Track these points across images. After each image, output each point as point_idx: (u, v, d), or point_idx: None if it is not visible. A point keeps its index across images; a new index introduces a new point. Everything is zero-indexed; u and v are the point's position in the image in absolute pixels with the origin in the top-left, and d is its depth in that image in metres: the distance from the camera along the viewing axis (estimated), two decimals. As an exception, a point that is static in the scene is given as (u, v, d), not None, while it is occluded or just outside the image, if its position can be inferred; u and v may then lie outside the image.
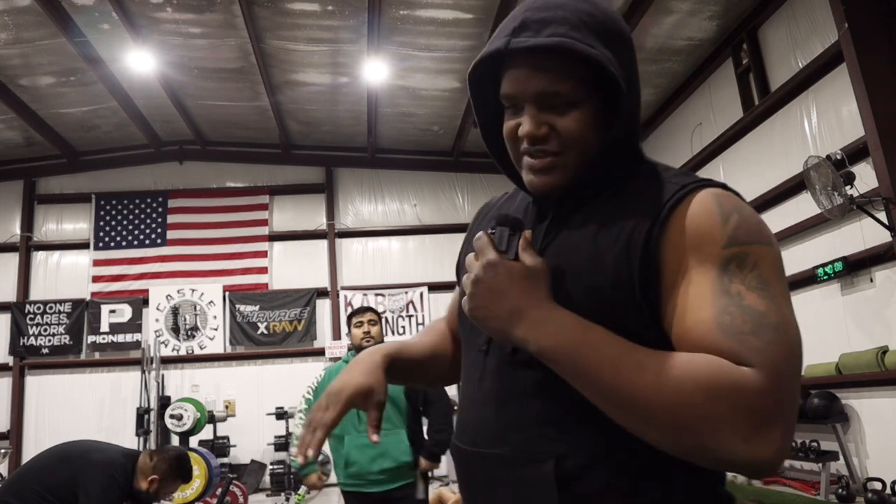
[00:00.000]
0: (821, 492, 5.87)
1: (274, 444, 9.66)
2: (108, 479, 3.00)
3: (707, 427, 0.74)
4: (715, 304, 0.80)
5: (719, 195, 0.87)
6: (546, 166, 0.92)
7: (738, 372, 0.75)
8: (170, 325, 10.57)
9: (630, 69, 0.91)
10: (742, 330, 0.77)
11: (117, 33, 7.84)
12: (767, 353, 0.76)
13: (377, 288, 10.91)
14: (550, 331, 0.83)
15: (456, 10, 7.38)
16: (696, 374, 0.76)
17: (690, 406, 0.75)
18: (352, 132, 10.69)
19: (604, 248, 0.88)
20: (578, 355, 0.81)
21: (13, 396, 10.16)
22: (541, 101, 0.90)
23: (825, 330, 6.38)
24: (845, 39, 5.69)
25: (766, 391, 0.74)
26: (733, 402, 0.74)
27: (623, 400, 0.79)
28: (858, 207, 5.54)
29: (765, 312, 0.79)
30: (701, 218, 0.84)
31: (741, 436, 0.73)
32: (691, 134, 8.57)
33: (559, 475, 0.85)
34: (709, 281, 0.81)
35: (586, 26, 0.89)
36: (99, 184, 11.05)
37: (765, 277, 0.81)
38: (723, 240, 0.82)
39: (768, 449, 0.74)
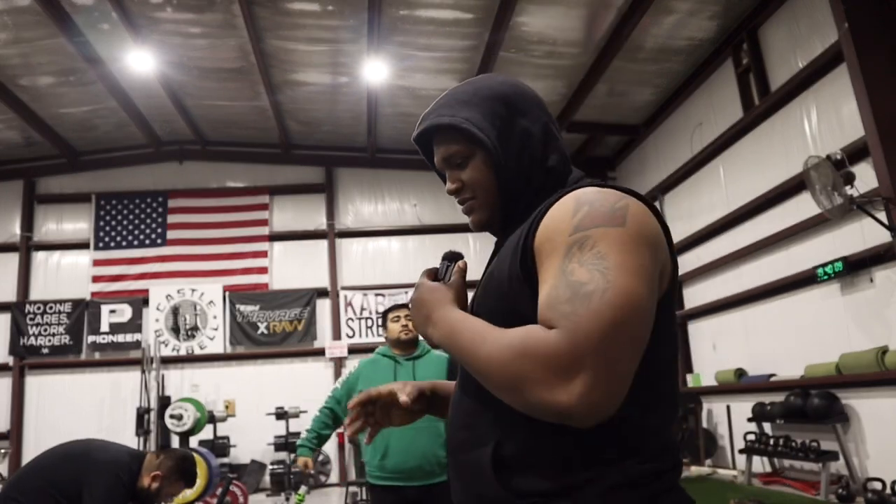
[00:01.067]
0: (821, 492, 5.87)
1: (274, 444, 9.66)
2: (113, 479, 2.97)
3: (520, 383, 0.89)
4: (550, 284, 0.94)
5: (581, 193, 1.01)
6: (468, 209, 1.19)
7: (542, 334, 0.89)
8: (170, 325, 10.57)
9: (507, 119, 1.14)
10: (559, 300, 0.91)
11: (117, 33, 7.84)
12: (573, 316, 0.88)
13: (377, 288, 10.91)
14: (441, 325, 1.06)
15: (456, 10, 7.37)
16: (511, 341, 0.92)
17: (506, 366, 0.91)
18: (352, 132, 10.69)
19: (504, 255, 1.07)
20: (453, 339, 1.03)
21: (13, 396, 10.16)
22: (447, 164, 1.18)
23: (825, 330, 6.38)
24: (845, 39, 5.69)
25: (566, 347, 0.86)
26: (533, 358, 0.88)
27: (474, 368, 0.97)
28: (858, 207, 5.53)
29: (585, 282, 0.90)
30: (556, 214, 1.00)
31: (545, 387, 0.87)
32: (691, 134, 8.56)
33: (496, 458, 0.99)
34: (554, 266, 0.95)
35: (457, 101, 1.16)
36: (99, 184, 11.05)
37: (602, 253, 0.92)
38: (568, 229, 0.96)
39: (570, 396, 0.85)
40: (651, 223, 0.98)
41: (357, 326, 10.82)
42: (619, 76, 8.41)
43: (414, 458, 3.23)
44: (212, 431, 9.32)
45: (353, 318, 10.85)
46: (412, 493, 3.27)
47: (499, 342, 0.93)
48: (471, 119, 1.13)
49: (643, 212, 0.98)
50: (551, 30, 7.61)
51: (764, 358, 7.36)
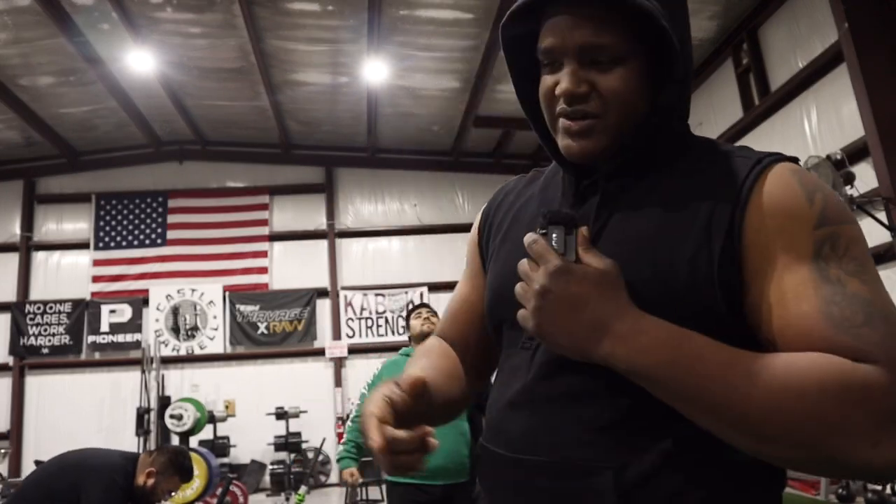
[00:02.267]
0: (821, 492, 5.87)
1: (274, 444, 9.66)
2: (109, 482, 2.99)
3: (833, 435, 0.67)
4: (817, 293, 0.71)
5: (799, 171, 0.79)
6: (584, 129, 0.83)
7: (864, 371, 0.67)
8: (170, 325, 10.57)
9: (683, 27, 0.84)
10: (854, 322, 0.69)
11: (117, 33, 7.84)
12: (886, 345, 0.68)
13: (377, 288, 10.91)
14: (643, 345, 0.73)
15: (456, 10, 7.38)
16: (822, 381, 0.67)
17: (816, 415, 0.67)
18: (352, 132, 10.69)
19: (677, 232, 0.78)
20: (680, 371, 0.71)
21: (13, 396, 10.16)
22: (582, 55, 0.81)
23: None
24: (845, 39, 5.69)
25: (892, 389, 0.66)
26: (860, 405, 0.66)
27: (733, 414, 0.70)
28: (858, 207, 5.53)
29: (871, 300, 0.71)
30: (785, 197, 0.76)
31: (872, 441, 0.66)
32: (691, 134, 8.56)
33: (618, 487, 0.75)
34: (804, 268, 0.73)
35: None
36: (99, 184, 11.05)
37: (860, 260, 0.74)
38: (812, 220, 0.74)
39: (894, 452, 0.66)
40: None
41: (357, 326, 10.82)
42: (619, 76, 8.41)
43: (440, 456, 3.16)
44: (212, 431, 9.32)
45: (353, 318, 10.85)
46: (436, 491, 3.24)
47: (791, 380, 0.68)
48: (661, 12, 0.78)
49: None
50: (551, 30, 7.61)
51: (764, 358, 7.36)
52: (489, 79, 8.26)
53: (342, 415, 10.37)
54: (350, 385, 10.59)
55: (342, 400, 10.43)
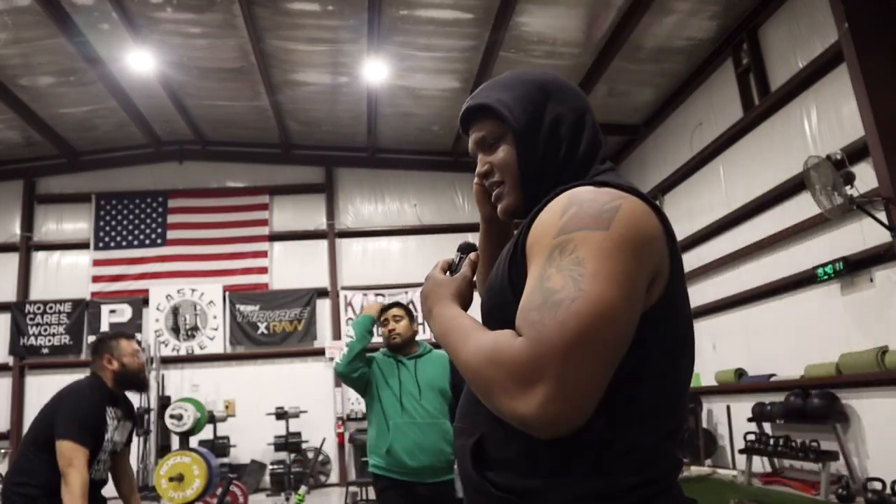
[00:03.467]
0: (821, 492, 5.87)
1: (274, 444, 9.66)
2: (75, 395, 2.97)
3: (487, 388, 0.90)
4: (528, 289, 0.93)
5: (577, 192, 0.97)
6: (497, 194, 1.17)
7: (509, 341, 0.90)
8: (170, 325, 10.57)
9: (539, 103, 1.12)
10: (531, 307, 0.89)
11: (117, 33, 7.84)
12: (538, 325, 0.86)
13: (377, 288, 10.91)
14: (437, 321, 1.08)
15: (456, 10, 7.38)
16: (483, 346, 0.93)
17: (478, 372, 0.92)
18: (352, 132, 10.69)
19: (506, 251, 1.07)
20: (444, 337, 1.04)
21: (13, 396, 10.16)
22: (481, 146, 1.18)
23: (825, 330, 6.38)
24: (845, 39, 5.69)
25: (526, 356, 0.86)
26: (498, 365, 0.88)
27: (459, 369, 0.98)
28: (858, 207, 5.53)
29: (557, 290, 0.88)
30: (545, 215, 0.98)
31: (507, 395, 0.87)
32: (691, 134, 8.56)
33: (476, 449, 1.01)
34: (535, 270, 0.94)
35: (496, 85, 1.17)
36: (99, 184, 11.05)
37: (581, 258, 0.89)
38: (554, 231, 0.94)
39: (528, 407, 0.85)
40: (644, 225, 0.93)
41: (357, 326, 10.80)
42: (619, 76, 8.41)
43: (426, 455, 3.24)
44: (212, 431, 9.31)
45: (353, 318, 10.84)
46: (424, 491, 3.26)
47: (475, 346, 0.95)
48: (502, 100, 1.13)
49: (638, 213, 0.93)
50: (551, 30, 7.61)
51: (764, 358, 7.36)
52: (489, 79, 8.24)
53: (342, 415, 10.37)
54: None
55: (342, 400, 10.44)
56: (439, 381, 3.40)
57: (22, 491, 2.89)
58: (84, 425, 2.89)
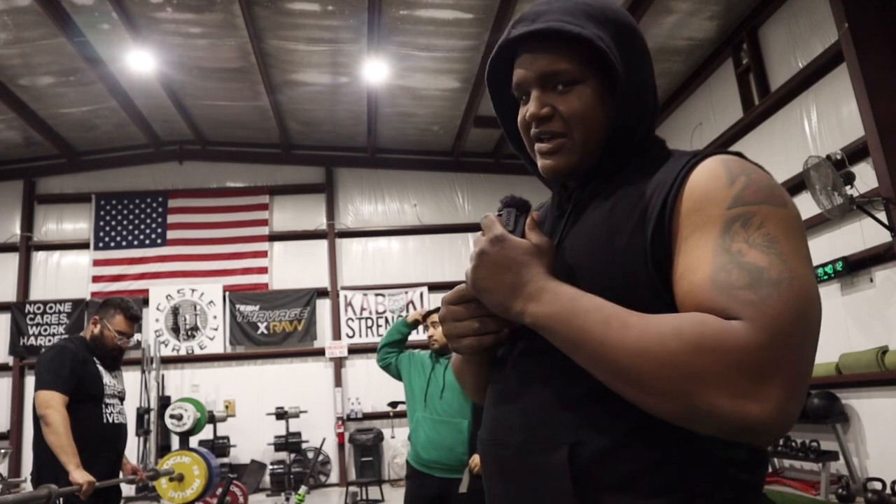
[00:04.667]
0: (821, 492, 5.87)
1: (274, 444, 9.66)
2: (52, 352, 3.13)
3: (693, 384, 0.71)
4: (713, 262, 0.77)
5: (728, 160, 0.85)
6: (553, 148, 0.94)
7: (726, 325, 0.71)
8: (170, 325, 10.57)
9: (630, 51, 0.93)
10: (736, 285, 0.74)
11: (117, 33, 7.85)
12: (762, 305, 0.71)
13: (377, 288, 10.91)
14: (545, 300, 0.83)
15: (456, 10, 7.38)
16: (679, 330, 0.72)
17: (674, 362, 0.71)
18: (352, 132, 10.69)
19: (621, 219, 0.87)
20: (568, 320, 0.80)
21: (13, 396, 10.16)
22: (543, 83, 0.93)
23: (825, 330, 6.34)
24: (845, 39, 5.69)
25: (758, 344, 0.70)
26: (717, 354, 0.70)
27: (610, 361, 0.76)
28: (858, 207, 5.53)
29: (766, 267, 0.74)
30: (706, 181, 0.82)
31: (729, 392, 0.69)
32: (691, 134, 8.56)
33: (574, 463, 0.81)
34: (710, 242, 0.78)
35: (582, 13, 0.92)
36: (99, 184, 11.05)
37: (772, 235, 0.77)
38: (727, 200, 0.79)
39: (762, 407, 0.69)
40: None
41: (357, 326, 10.82)
42: (619, 76, 8.41)
43: (437, 451, 3.38)
44: (212, 431, 9.32)
45: (353, 318, 10.85)
46: (433, 483, 3.41)
47: (655, 329, 0.74)
48: (603, 38, 0.90)
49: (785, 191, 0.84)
50: (551, 30, 7.61)
51: (764, 358, 7.36)
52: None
53: (342, 415, 10.37)
54: (350, 385, 10.60)
55: (342, 400, 10.44)
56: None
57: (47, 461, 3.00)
58: (59, 374, 3.01)
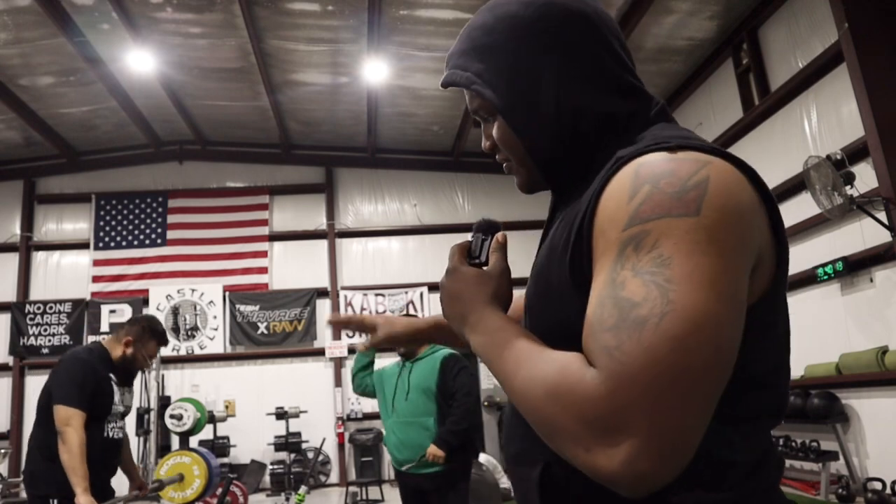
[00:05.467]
0: (821, 492, 5.87)
1: (274, 444, 9.66)
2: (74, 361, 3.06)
3: (553, 433, 0.69)
4: (596, 298, 0.71)
5: (644, 163, 0.73)
6: (508, 169, 0.98)
7: (579, 374, 0.67)
8: (170, 325, 10.57)
9: (530, 68, 0.87)
10: (603, 325, 0.68)
11: (117, 33, 7.85)
12: (617, 352, 0.65)
13: (377, 288, 10.91)
14: (478, 331, 0.85)
15: (456, 10, 7.38)
16: (544, 375, 0.71)
17: (537, 408, 0.70)
18: (352, 132, 10.69)
19: (556, 242, 0.82)
20: (489, 352, 0.81)
21: (13, 396, 10.16)
22: (478, 118, 0.97)
23: (825, 330, 6.38)
24: (845, 39, 5.69)
25: (602, 397, 0.64)
26: (566, 406, 0.67)
27: (513, 399, 0.76)
28: (858, 207, 5.53)
29: (639, 303, 0.66)
30: (611, 196, 0.73)
31: (580, 445, 0.66)
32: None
33: (544, 480, 0.81)
34: (603, 273, 0.71)
35: (471, 46, 0.93)
36: (99, 184, 11.05)
37: (665, 256, 0.67)
38: (623, 220, 0.71)
39: (610, 462, 0.64)
40: (741, 197, 0.71)
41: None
42: (619, 76, 8.41)
43: (408, 450, 3.61)
44: (212, 431, 9.32)
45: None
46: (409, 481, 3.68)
47: (533, 373, 0.72)
48: (481, 74, 0.90)
49: (732, 183, 0.71)
50: (551, 30, 7.61)
51: (764, 358, 7.36)
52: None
53: (342, 415, 10.37)
54: (350, 385, 10.58)
55: (342, 400, 10.44)
56: (427, 382, 3.67)
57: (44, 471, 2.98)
58: (82, 389, 2.97)
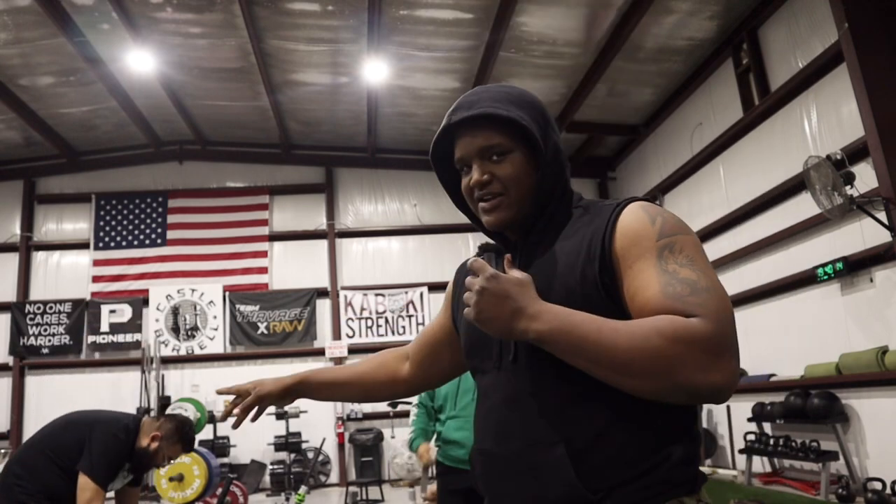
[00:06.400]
0: (821, 492, 5.87)
1: (274, 444, 9.66)
2: (111, 438, 3.04)
3: (674, 366, 0.96)
4: (659, 281, 1.04)
5: (644, 205, 1.14)
6: (494, 206, 1.19)
7: (689, 321, 0.98)
8: (170, 325, 10.57)
9: (545, 127, 1.20)
10: (683, 294, 1.01)
11: (117, 33, 7.84)
12: (707, 305, 0.99)
13: (377, 288, 10.91)
14: (545, 318, 1.03)
15: (456, 10, 7.37)
16: (658, 328, 0.98)
17: (658, 352, 0.96)
18: (352, 132, 10.69)
19: (571, 258, 1.13)
20: (568, 332, 1.02)
21: (13, 396, 10.16)
22: (482, 155, 1.18)
23: (825, 330, 6.38)
24: (845, 39, 5.69)
25: (713, 332, 0.97)
26: (690, 344, 0.96)
27: (608, 359, 0.99)
28: (858, 207, 5.53)
29: (696, 280, 1.03)
30: (635, 223, 1.10)
31: (701, 367, 0.96)
32: (691, 134, 8.57)
33: (571, 454, 1.05)
34: (651, 266, 1.05)
35: (505, 100, 1.19)
36: (99, 184, 11.05)
37: (691, 256, 1.06)
38: (654, 235, 1.08)
39: (724, 375, 0.96)
40: None
41: (357, 326, 10.82)
42: (619, 76, 8.41)
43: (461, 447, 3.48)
44: (212, 431, 9.32)
45: (353, 318, 10.85)
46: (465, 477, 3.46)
47: (640, 330, 0.99)
48: (524, 118, 1.17)
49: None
50: (551, 30, 7.61)
51: (764, 358, 7.36)
52: (489, 79, 8.25)
53: (342, 415, 10.37)
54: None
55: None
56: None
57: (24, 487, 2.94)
58: (111, 468, 3.00)
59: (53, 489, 2.94)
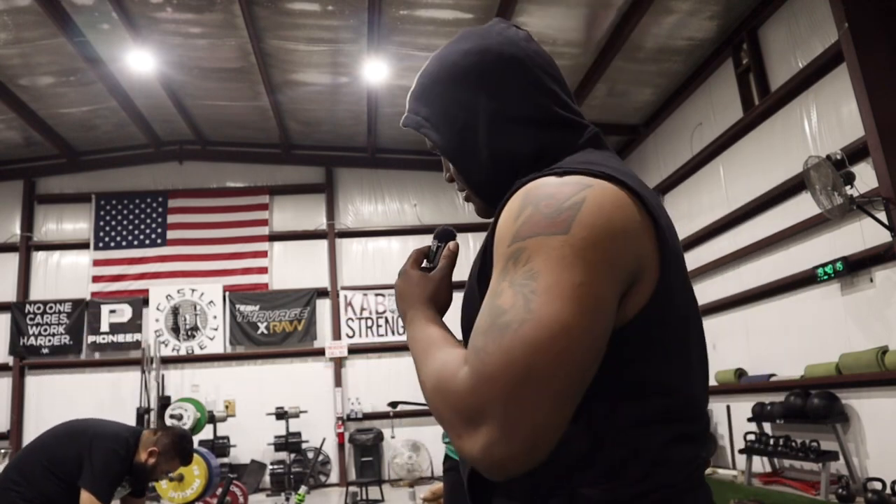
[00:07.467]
0: (821, 492, 5.87)
1: (274, 444, 9.66)
2: (111, 453, 3.05)
3: (438, 419, 0.81)
4: (482, 307, 0.81)
5: (534, 187, 0.84)
6: (466, 199, 1.11)
7: (453, 371, 0.79)
8: (170, 325, 10.58)
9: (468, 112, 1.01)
10: (479, 329, 0.78)
11: (117, 33, 7.84)
12: (481, 353, 0.75)
13: (377, 288, 10.91)
14: (410, 326, 0.99)
15: (456, 10, 7.38)
16: (433, 370, 0.84)
17: (428, 398, 0.83)
18: (352, 132, 10.69)
19: (477, 258, 0.96)
20: (412, 345, 0.94)
21: (13, 396, 10.16)
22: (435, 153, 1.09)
23: (825, 330, 6.38)
24: (845, 39, 5.69)
25: (468, 391, 0.75)
26: (444, 400, 0.79)
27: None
28: (858, 207, 5.53)
29: (506, 310, 0.76)
30: (504, 218, 0.84)
31: (453, 430, 0.77)
32: (691, 134, 8.56)
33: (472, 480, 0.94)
34: (492, 284, 0.82)
35: (420, 90, 1.10)
36: (99, 184, 11.06)
37: (535, 271, 0.76)
38: (508, 238, 0.81)
39: (473, 447, 0.74)
40: (615, 218, 0.79)
41: (357, 326, 10.83)
42: (619, 76, 8.41)
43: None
44: (212, 431, 9.32)
45: (353, 318, 10.85)
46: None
47: (428, 367, 0.85)
48: (429, 118, 1.07)
49: (607, 204, 0.80)
50: (551, 30, 7.61)
51: (764, 358, 7.37)
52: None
53: (342, 415, 10.37)
54: (350, 385, 10.60)
55: (342, 400, 10.44)
56: None
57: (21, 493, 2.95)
58: (112, 484, 3.02)
59: (50, 497, 2.95)
